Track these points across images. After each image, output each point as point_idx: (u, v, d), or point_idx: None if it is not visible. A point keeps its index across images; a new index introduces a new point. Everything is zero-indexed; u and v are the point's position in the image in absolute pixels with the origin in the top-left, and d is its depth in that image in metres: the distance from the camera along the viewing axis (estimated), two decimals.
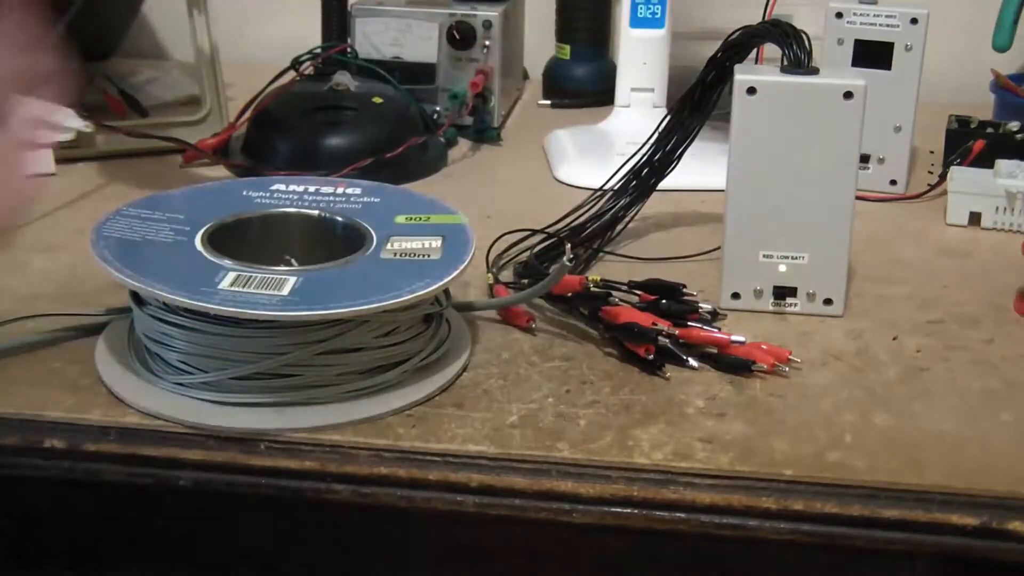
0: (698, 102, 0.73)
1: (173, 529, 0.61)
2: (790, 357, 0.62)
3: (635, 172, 0.76)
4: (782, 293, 0.68)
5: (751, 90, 0.64)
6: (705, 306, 0.65)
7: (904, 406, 0.59)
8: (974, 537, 0.51)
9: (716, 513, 0.52)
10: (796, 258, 0.67)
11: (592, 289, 0.66)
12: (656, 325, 0.61)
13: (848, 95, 0.63)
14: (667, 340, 0.61)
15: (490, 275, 0.71)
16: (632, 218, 0.78)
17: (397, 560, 0.60)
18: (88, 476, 0.56)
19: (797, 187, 0.65)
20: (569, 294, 0.66)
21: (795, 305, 0.68)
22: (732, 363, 0.61)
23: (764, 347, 0.62)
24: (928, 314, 0.69)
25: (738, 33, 0.70)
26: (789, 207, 0.66)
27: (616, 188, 0.76)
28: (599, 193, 0.77)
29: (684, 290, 0.66)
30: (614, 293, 0.66)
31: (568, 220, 0.76)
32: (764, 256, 0.67)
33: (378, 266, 0.60)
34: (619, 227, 0.77)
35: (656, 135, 0.75)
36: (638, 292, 0.67)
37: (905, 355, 0.64)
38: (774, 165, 0.65)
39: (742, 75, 0.64)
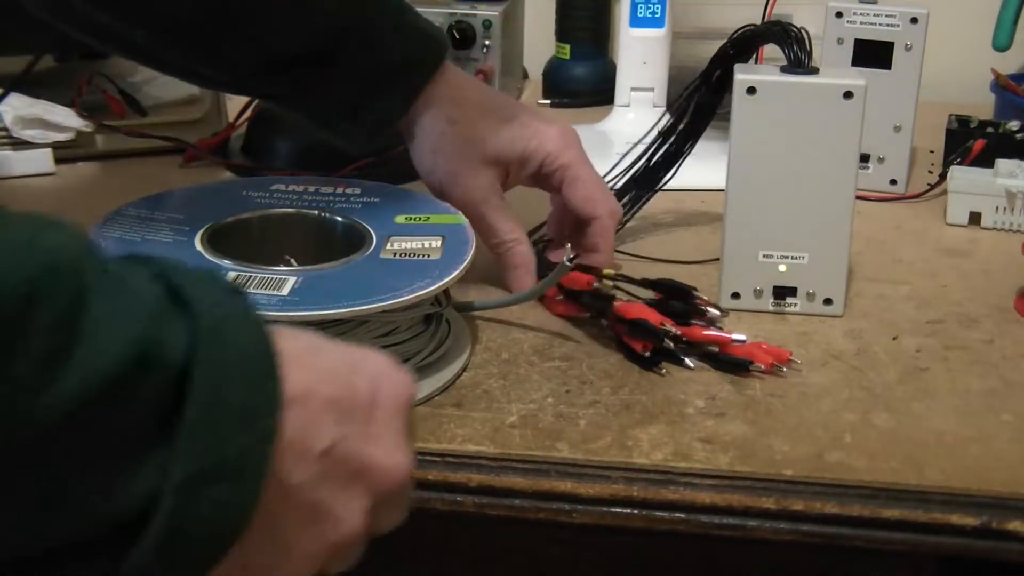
0: (699, 102, 0.73)
1: None
2: (790, 357, 0.62)
3: (635, 172, 0.76)
4: (782, 293, 0.68)
5: (751, 90, 0.64)
6: (711, 310, 0.65)
7: (904, 406, 0.59)
8: (974, 537, 0.51)
9: (716, 513, 0.52)
10: (796, 258, 0.67)
11: (595, 285, 0.65)
12: (664, 325, 0.61)
13: (848, 95, 0.63)
14: (670, 341, 0.61)
15: None
16: (632, 218, 0.78)
17: (397, 560, 0.60)
18: None
19: (797, 187, 0.65)
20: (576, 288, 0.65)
21: (795, 305, 0.68)
22: (732, 362, 0.61)
23: (764, 347, 0.62)
24: (928, 314, 0.69)
25: (738, 33, 0.70)
26: (789, 207, 0.66)
27: (616, 188, 0.76)
28: None
29: (695, 293, 0.65)
30: (622, 289, 0.65)
31: None
32: (764, 256, 0.67)
33: (378, 266, 0.60)
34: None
35: (656, 135, 0.75)
36: (650, 289, 0.66)
37: (905, 355, 0.64)
38: (774, 165, 0.65)
39: (742, 75, 0.64)
